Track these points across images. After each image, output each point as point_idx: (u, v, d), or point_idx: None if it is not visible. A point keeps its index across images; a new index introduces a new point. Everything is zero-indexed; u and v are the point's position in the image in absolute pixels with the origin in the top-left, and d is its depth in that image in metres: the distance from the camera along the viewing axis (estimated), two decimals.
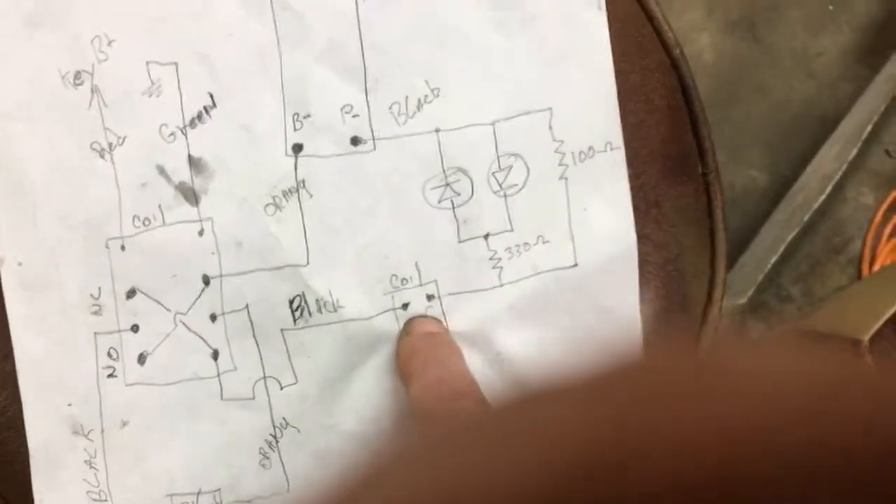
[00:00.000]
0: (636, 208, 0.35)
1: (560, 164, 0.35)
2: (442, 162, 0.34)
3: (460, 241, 0.34)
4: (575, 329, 0.35)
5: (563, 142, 0.35)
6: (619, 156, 0.35)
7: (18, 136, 0.32)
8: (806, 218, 0.94)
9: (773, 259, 0.92)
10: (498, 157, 0.34)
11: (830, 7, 1.05)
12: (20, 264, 0.32)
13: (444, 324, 0.34)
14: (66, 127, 0.32)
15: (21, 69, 0.32)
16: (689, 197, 0.37)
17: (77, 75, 0.32)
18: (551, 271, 0.35)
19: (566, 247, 0.35)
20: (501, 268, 0.34)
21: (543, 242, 0.34)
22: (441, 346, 0.32)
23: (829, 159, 0.99)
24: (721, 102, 1.03)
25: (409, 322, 0.34)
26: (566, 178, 0.35)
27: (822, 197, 0.95)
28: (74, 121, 0.32)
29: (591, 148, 0.35)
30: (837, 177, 0.90)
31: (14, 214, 0.32)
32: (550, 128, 0.34)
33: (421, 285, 0.34)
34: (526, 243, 0.34)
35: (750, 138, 1.02)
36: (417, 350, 0.32)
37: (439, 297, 0.34)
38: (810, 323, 0.72)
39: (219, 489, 0.34)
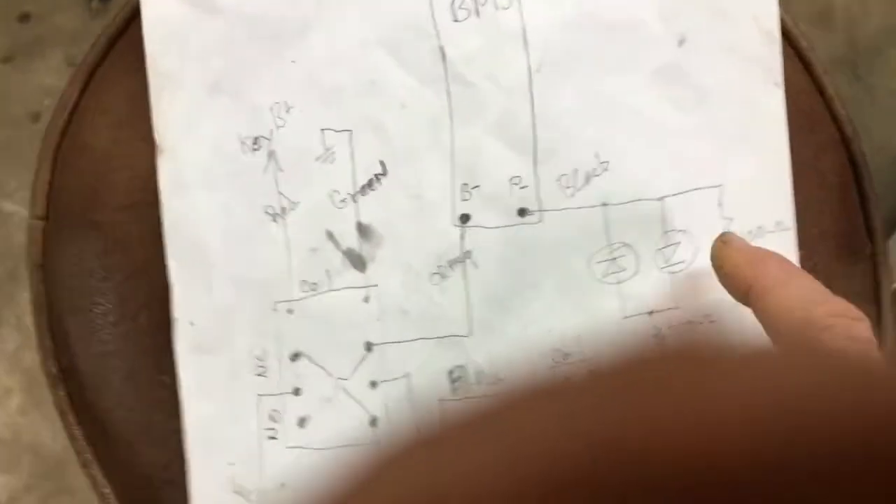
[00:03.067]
0: None
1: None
2: (608, 236, 0.33)
3: (624, 317, 0.34)
4: None
5: (732, 219, 0.34)
6: (790, 236, 0.34)
7: (199, 203, 0.32)
8: None
9: None
10: (665, 232, 0.34)
11: None
12: (192, 324, 0.33)
13: None
14: (243, 191, 0.33)
15: (204, 136, 0.32)
16: (856, 278, 0.36)
17: (255, 141, 0.33)
18: None
19: (733, 328, 0.34)
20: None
21: (710, 322, 0.34)
22: (788, 260, 0.29)
23: None
24: None
25: (725, 234, 0.31)
26: None
27: None
28: (250, 185, 0.33)
29: (760, 227, 0.34)
30: None
31: (189, 277, 0.32)
32: (720, 205, 0.34)
33: (583, 360, 0.33)
34: (691, 322, 0.34)
35: None
36: (766, 256, 0.29)
37: None
38: None
39: None
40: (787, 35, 0.36)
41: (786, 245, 0.34)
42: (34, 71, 1.00)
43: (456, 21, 0.33)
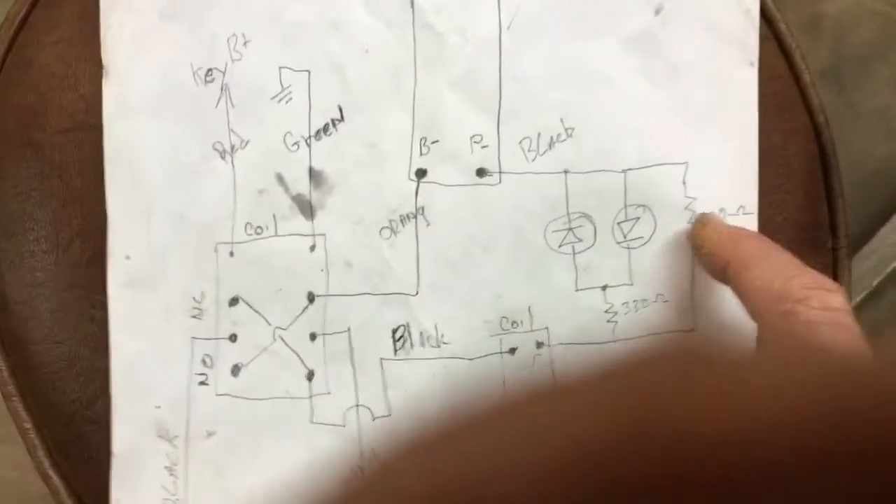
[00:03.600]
0: None
1: (689, 223, 0.33)
2: (567, 205, 0.32)
3: (577, 290, 0.33)
4: None
5: (694, 199, 0.33)
6: (752, 221, 0.33)
7: (144, 131, 0.31)
8: (875, 283, 0.91)
9: None
10: (626, 206, 0.33)
11: None
12: (128, 258, 0.31)
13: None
14: (192, 124, 0.31)
15: (154, 62, 0.31)
16: (816, 270, 0.35)
17: (209, 72, 0.31)
18: (667, 333, 0.33)
19: (685, 309, 0.33)
20: (616, 322, 0.33)
21: (663, 301, 0.33)
22: (766, 238, 0.30)
23: None
24: None
25: (705, 214, 0.32)
26: None
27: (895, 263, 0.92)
28: (200, 118, 0.31)
29: (722, 209, 0.33)
30: None
31: (128, 209, 0.31)
32: (684, 183, 0.33)
33: (532, 331, 0.32)
34: (644, 299, 0.33)
35: None
36: (744, 234, 0.30)
37: (549, 346, 0.32)
38: None
39: None
40: (768, 19, 0.35)
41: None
42: None
43: None
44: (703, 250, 0.31)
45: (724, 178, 0.33)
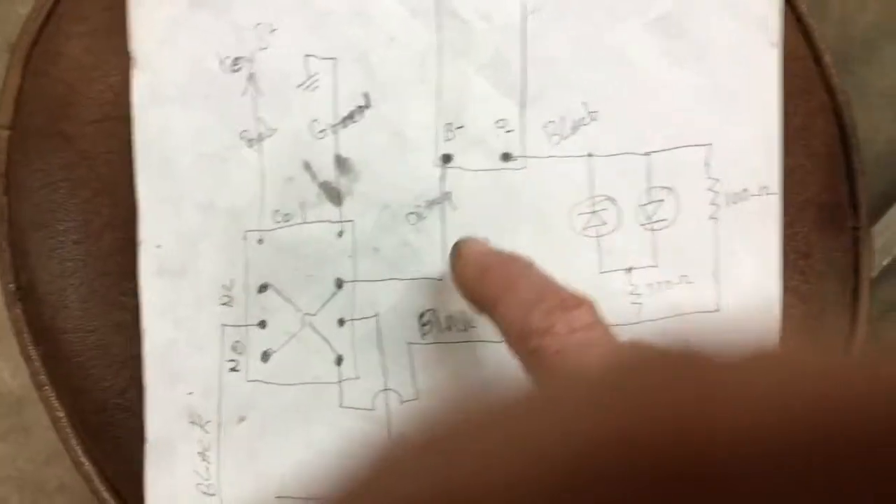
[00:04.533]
0: (785, 257, 0.34)
1: (712, 204, 0.33)
2: (591, 188, 0.33)
3: (601, 272, 0.33)
4: None
5: (718, 180, 0.33)
6: (775, 202, 0.33)
7: (172, 120, 0.31)
8: (885, 263, 0.92)
9: None
10: (649, 188, 0.33)
11: None
12: (159, 247, 0.32)
13: None
14: (219, 112, 0.31)
15: (182, 52, 0.31)
16: (838, 251, 0.35)
17: (235, 61, 0.31)
18: (692, 314, 0.33)
19: (710, 290, 0.33)
20: (641, 304, 0.33)
21: (687, 283, 0.33)
22: (516, 258, 0.27)
23: None
24: None
25: (458, 243, 0.29)
26: (716, 219, 0.33)
27: None
28: (228, 107, 0.31)
29: (745, 190, 0.33)
30: None
31: (158, 198, 0.31)
32: (707, 164, 0.33)
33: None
34: (668, 281, 0.33)
35: None
36: (491, 265, 0.27)
37: None
38: None
39: None
40: (788, 0, 0.35)
41: (770, 210, 0.33)
42: (12, 2, 0.97)
43: None
44: (460, 289, 0.28)
45: (747, 159, 0.33)
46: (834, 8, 1.01)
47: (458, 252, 0.28)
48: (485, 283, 0.26)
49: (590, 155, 0.33)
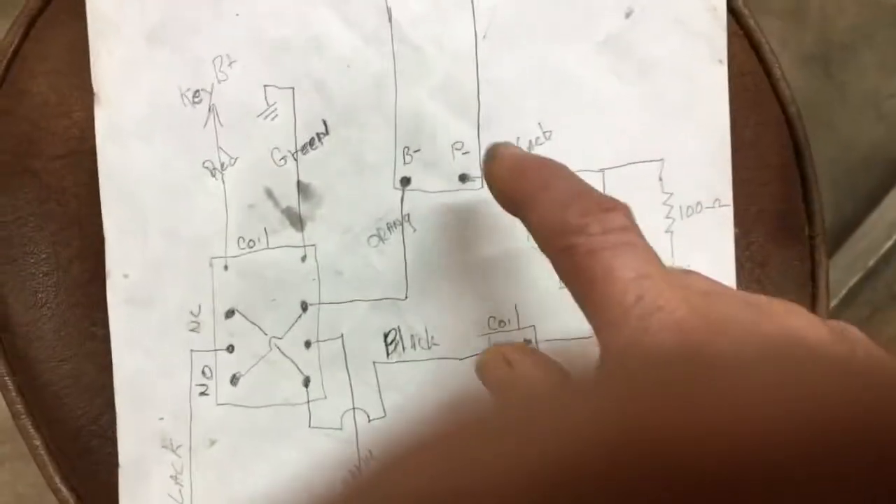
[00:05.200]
0: (741, 267, 0.35)
1: (667, 217, 0.34)
2: None
3: (560, 287, 0.34)
4: None
5: (671, 194, 0.34)
6: (728, 213, 0.34)
7: (136, 153, 0.32)
8: (870, 263, 0.92)
9: (834, 303, 0.90)
10: None
11: None
12: (126, 277, 0.32)
13: None
14: (182, 144, 0.32)
15: (143, 87, 0.32)
16: (794, 260, 0.36)
17: (196, 94, 0.32)
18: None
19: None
20: None
21: None
22: (553, 162, 0.27)
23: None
24: None
25: (495, 146, 0.28)
26: (672, 232, 0.34)
27: (889, 243, 0.93)
28: (190, 138, 0.32)
29: (699, 203, 0.34)
30: None
31: (124, 229, 0.32)
32: (660, 179, 0.34)
33: (519, 329, 0.33)
34: None
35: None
36: (527, 167, 0.26)
37: (536, 343, 0.33)
38: None
39: None
40: (736, 15, 0.36)
41: (724, 221, 0.34)
42: None
43: None
44: (494, 189, 0.27)
45: (700, 172, 0.34)
46: (812, 12, 1.02)
47: (494, 154, 0.28)
48: (521, 181, 0.26)
49: None
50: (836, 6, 1.04)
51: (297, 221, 0.33)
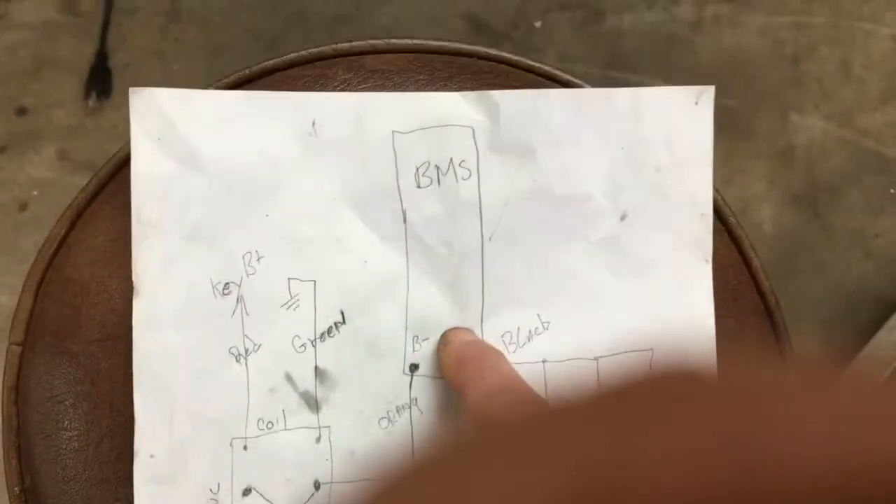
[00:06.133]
0: None
1: None
2: (545, 390, 0.36)
3: None
4: None
5: None
6: None
7: (168, 341, 0.35)
8: None
9: None
10: None
11: (892, 190, 1.08)
12: (152, 457, 0.35)
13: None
14: (211, 332, 0.35)
15: (178, 280, 0.35)
16: None
17: (226, 286, 0.35)
18: None
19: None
20: None
21: None
22: (489, 351, 0.32)
23: (887, 344, 0.99)
24: (779, 275, 1.05)
25: (446, 333, 0.34)
26: None
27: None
28: (218, 327, 0.35)
29: None
30: None
31: (153, 412, 0.35)
32: (651, 367, 0.37)
33: None
34: None
35: (805, 312, 1.04)
36: (466, 357, 0.32)
37: None
38: None
39: None
40: (718, 212, 0.39)
41: None
42: (27, 162, 1.03)
43: (419, 188, 0.36)
44: (442, 373, 0.33)
45: (686, 361, 0.37)
46: (799, 156, 1.07)
47: (444, 340, 0.33)
48: (461, 372, 0.31)
49: (544, 361, 0.36)
50: (821, 150, 1.09)
51: (313, 404, 0.35)
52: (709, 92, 0.37)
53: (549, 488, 0.10)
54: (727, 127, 1.02)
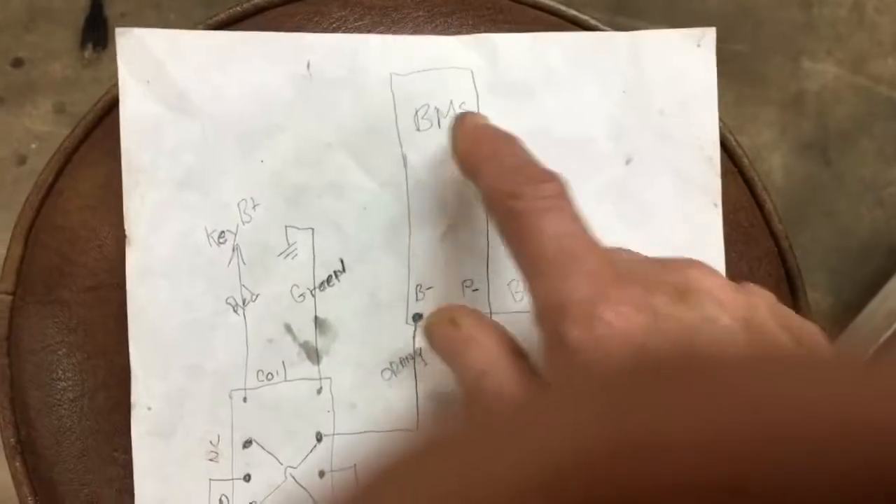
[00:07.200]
0: None
1: None
2: None
3: None
4: None
5: None
6: None
7: (163, 291, 0.34)
8: (870, 351, 0.93)
9: None
10: None
11: None
12: (149, 409, 0.34)
13: None
14: (206, 282, 0.34)
15: (172, 229, 0.34)
16: None
17: (221, 235, 0.34)
18: None
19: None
20: None
21: None
22: (505, 134, 0.30)
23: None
24: (789, 225, 1.03)
25: (460, 116, 0.32)
26: None
27: (889, 332, 0.94)
28: (214, 277, 0.34)
29: None
30: None
31: (149, 364, 0.34)
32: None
33: None
34: None
35: (816, 262, 1.02)
36: (482, 137, 0.30)
37: None
38: None
39: None
40: (730, 153, 0.38)
41: None
42: (24, 115, 1.01)
43: (418, 130, 0.35)
44: (454, 154, 0.31)
45: None
46: (810, 102, 1.05)
47: (459, 121, 0.31)
48: (475, 150, 0.30)
49: None
50: (833, 96, 1.07)
51: (313, 355, 0.35)
52: (710, 34, 0.36)
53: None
54: (736, 73, 1.00)
